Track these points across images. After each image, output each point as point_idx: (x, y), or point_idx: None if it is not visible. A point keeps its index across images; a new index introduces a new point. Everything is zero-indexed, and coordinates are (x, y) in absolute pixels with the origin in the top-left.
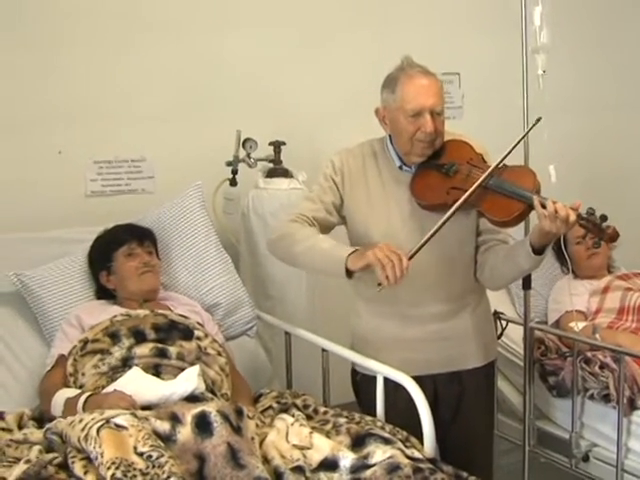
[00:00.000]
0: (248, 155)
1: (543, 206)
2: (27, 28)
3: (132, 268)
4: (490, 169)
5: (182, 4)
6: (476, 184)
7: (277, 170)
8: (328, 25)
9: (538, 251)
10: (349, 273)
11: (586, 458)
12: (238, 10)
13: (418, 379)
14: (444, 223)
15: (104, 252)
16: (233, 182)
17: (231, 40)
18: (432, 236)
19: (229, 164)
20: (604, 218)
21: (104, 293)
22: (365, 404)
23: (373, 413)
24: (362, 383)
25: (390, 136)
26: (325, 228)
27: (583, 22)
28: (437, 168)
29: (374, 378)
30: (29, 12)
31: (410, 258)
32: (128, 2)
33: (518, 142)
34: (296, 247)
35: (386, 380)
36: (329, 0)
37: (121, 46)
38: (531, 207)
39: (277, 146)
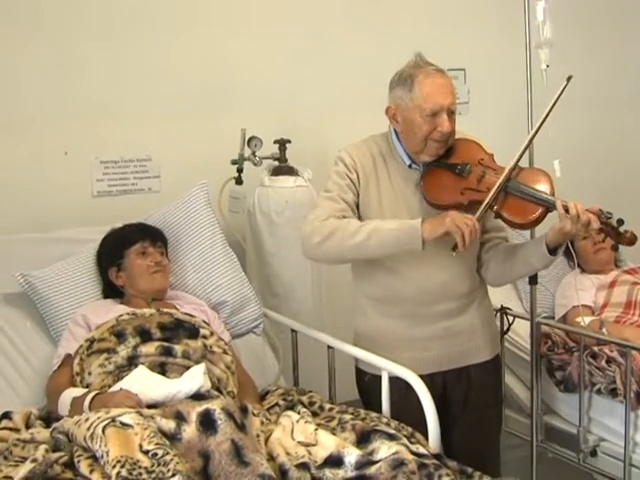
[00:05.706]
0: (253, 153)
1: (566, 209)
2: (31, 28)
3: (144, 266)
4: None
5: (188, 5)
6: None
7: (282, 168)
8: (332, 23)
9: (552, 251)
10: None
11: (594, 453)
12: (243, 10)
13: (429, 377)
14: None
15: (116, 248)
16: (239, 180)
17: (235, 39)
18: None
19: (234, 162)
20: (621, 222)
21: (111, 290)
22: (375, 404)
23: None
24: (371, 383)
25: (396, 133)
26: None
27: (594, 15)
28: (450, 168)
29: None
30: (33, 12)
31: (478, 220)
32: (134, 2)
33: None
34: (355, 237)
35: (396, 377)
36: None
37: (126, 46)
38: (548, 210)
39: (282, 144)
